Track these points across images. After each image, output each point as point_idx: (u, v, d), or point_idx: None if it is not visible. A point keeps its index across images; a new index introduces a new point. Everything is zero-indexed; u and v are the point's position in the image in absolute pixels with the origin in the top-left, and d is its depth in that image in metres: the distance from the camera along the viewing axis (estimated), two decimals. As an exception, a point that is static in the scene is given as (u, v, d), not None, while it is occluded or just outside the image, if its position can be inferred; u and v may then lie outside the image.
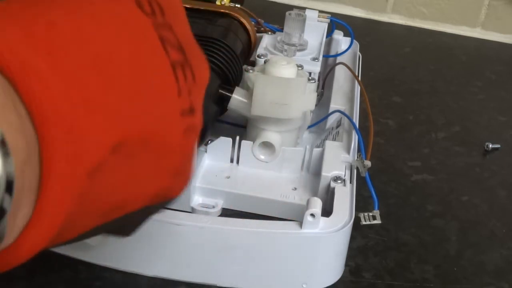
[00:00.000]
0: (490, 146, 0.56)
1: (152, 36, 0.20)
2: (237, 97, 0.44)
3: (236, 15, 0.53)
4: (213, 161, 0.45)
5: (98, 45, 0.19)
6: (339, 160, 0.43)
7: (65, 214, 0.17)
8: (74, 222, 0.18)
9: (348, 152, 0.44)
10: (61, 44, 0.18)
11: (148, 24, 0.20)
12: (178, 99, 0.21)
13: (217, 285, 0.38)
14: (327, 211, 0.39)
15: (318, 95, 0.53)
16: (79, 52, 0.18)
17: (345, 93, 0.54)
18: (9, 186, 0.16)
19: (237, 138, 0.45)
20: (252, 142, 0.45)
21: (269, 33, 0.56)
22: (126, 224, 0.22)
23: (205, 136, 0.41)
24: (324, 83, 0.57)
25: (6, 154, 0.16)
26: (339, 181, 0.41)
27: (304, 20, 0.53)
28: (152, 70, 0.20)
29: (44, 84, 0.17)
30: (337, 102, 0.52)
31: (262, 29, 0.57)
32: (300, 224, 0.36)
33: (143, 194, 0.21)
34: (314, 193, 0.43)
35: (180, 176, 0.23)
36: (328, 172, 0.42)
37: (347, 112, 0.49)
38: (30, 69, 0.17)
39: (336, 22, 0.61)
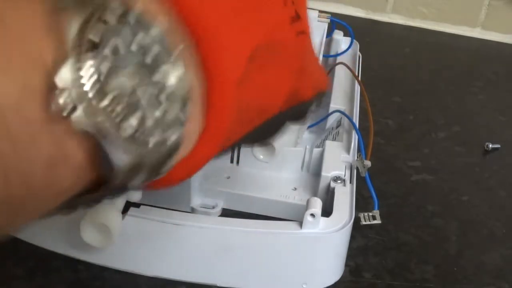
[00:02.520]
0: (490, 146, 0.56)
1: None
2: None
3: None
4: (213, 161, 0.45)
5: None
6: (339, 160, 0.43)
7: (230, 123, 0.21)
8: (232, 130, 0.22)
9: (348, 152, 0.44)
10: None
11: None
12: (284, 8, 0.25)
13: (217, 285, 0.38)
14: (327, 211, 0.39)
15: (318, 95, 0.53)
16: None
17: (345, 93, 0.54)
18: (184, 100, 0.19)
19: (237, 138, 0.45)
20: (252, 142, 0.45)
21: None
22: (266, 132, 0.26)
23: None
24: (324, 83, 0.57)
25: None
26: (339, 181, 0.41)
27: (304, 20, 0.52)
28: None
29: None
30: (337, 102, 0.52)
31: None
32: (300, 224, 0.36)
33: (277, 96, 0.25)
34: (314, 193, 0.43)
35: (304, 76, 0.27)
36: (328, 172, 0.42)
37: (347, 112, 0.49)
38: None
39: (336, 22, 0.62)
